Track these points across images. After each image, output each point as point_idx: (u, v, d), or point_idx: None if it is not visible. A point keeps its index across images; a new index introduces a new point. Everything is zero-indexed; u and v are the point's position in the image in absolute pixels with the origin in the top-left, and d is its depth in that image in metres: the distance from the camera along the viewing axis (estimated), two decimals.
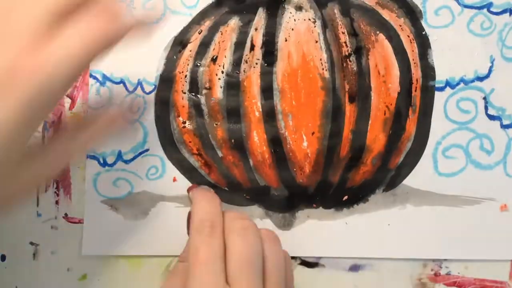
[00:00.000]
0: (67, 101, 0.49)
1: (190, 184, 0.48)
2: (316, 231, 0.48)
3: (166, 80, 0.48)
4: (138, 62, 0.48)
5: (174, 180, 0.48)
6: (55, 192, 0.49)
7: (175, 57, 0.48)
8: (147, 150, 0.48)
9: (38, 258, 0.49)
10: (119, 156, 0.48)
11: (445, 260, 0.48)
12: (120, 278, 0.49)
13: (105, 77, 0.48)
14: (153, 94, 0.48)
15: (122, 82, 0.48)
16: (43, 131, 0.49)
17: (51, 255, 0.49)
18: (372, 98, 0.47)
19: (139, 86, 0.48)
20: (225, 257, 0.39)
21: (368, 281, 0.48)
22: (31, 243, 0.49)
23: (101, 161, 0.48)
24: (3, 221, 0.49)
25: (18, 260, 0.49)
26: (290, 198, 0.48)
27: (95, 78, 0.48)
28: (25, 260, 0.49)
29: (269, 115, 0.47)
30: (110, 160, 0.48)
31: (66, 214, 0.49)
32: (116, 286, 0.50)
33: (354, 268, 0.48)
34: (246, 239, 0.39)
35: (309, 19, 0.47)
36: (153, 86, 0.48)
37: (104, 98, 0.48)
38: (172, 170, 0.48)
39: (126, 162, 0.48)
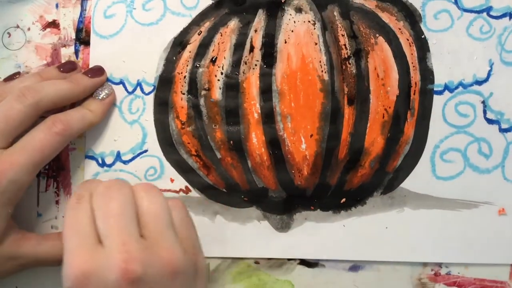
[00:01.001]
0: None
1: (187, 185, 0.48)
2: (313, 234, 0.48)
3: (165, 81, 0.48)
4: (138, 63, 0.48)
5: (172, 181, 0.48)
6: (55, 192, 0.49)
7: (174, 58, 0.48)
8: (145, 151, 0.48)
9: None
10: (118, 157, 0.48)
11: None
12: None
13: None
14: (152, 95, 0.48)
15: (121, 82, 0.48)
16: None
17: None
18: (371, 101, 0.47)
19: (138, 87, 0.48)
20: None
21: (368, 281, 0.48)
22: None
23: (100, 162, 0.48)
24: None
25: None
26: (288, 200, 0.48)
27: None
28: None
29: (268, 117, 0.47)
30: (108, 160, 0.48)
31: None
32: None
33: (354, 268, 0.48)
34: (109, 195, 0.38)
35: (309, 21, 0.47)
36: (152, 87, 0.48)
37: None
38: (170, 171, 0.48)
39: (124, 162, 0.48)
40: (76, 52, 0.49)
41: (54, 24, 0.50)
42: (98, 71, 0.47)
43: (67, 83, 0.44)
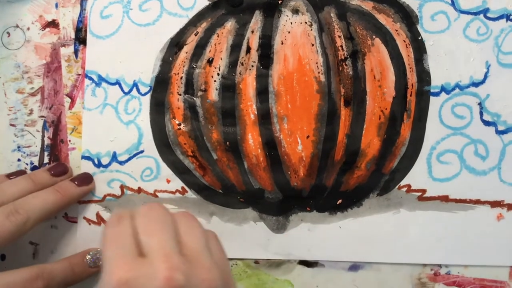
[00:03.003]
0: (67, 101, 0.49)
1: (184, 186, 0.48)
2: (309, 235, 0.48)
3: (162, 82, 0.48)
4: (134, 63, 0.48)
5: (168, 181, 0.48)
6: None
7: (171, 58, 0.48)
8: (142, 151, 0.48)
9: (38, 258, 0.49)
10: (114, 157, 0.48)
11: None
12: None
13: (100, 78, 0.48)
14: (148, 96, 0.48)
15: (117, 83, 0.48)
16: (42, 131, 0.49)
17: (51, 254, 0.49)
18: (367, 102, 0.47)
19: (134, 88, 0.48)
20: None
21: (368, 281, 0.48)
22: (31, 243, 0.49)
23: (96, 162, 0.48)
24: None
25: (18, 259, 0.49)
26: (284, 201, 0.48)
27: (90, 79, 0.48)
28: (25, 259, 0.49)
29: (265, 118, 0.47)
30: (104, 161, 0.48)
31: (66, 214, 0.49)
32: None
33: (354, 267, 0.48)
34: (151, 215, 0.38)
35: (306, 22, 0.47)
36: (149, 87, 0.48)
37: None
38: (166, 172, 0.48)
39: (120, 163, 0.48)
40: (76, 52, 0.49)
41: (53, 24, 0.50)
42: (86, 179, 0.48)
43: (54, 195, 0.45)
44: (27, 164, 0.50)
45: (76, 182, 0.47)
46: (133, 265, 0.34)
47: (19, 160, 0.50)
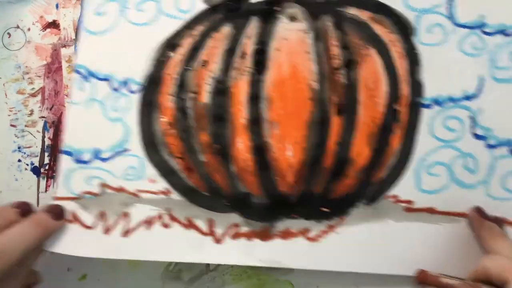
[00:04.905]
0: (67, 101, 0.49)
1: (168, 187, 0.47)
2: (295, 242, 0.47)
3: (154, 82, 0.48)
4: (126, 61, 0.48)
5: (152, 182, 0.48)
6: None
7: (164, 59, 0.48)
8: (126, 150, 0.48)
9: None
10: (96, 154, 0.48)
11: None
12: (120, 278, 0.49)
13: (89, 73, 0.48)
14: (138, 94, 0.48)
15: (107, 79, 0.47)
16: (43, 131, 0.49)
17: (51, 255, 0.48)
18: (359, 111, 0.47)
19: (124, 85, 0.47)
20: None
21: (368, 281, 0.48)
22: None
23: (76, 158, 0.47)
24: None
25: None
26: (270, 207, 0.47)
27: (79, 72, 0.48)
28: None
29: (255, 123, 0.47)
30: (86, 157, 0.48)
31: None
32: (116, 286, 0.49)
33: None
34: None
35: (302, 30, 0.47)
36: (140, 86, 0.48)
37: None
38: (150, 172, 0.48)
39: (103, 160, 0.48)
40: None
41: (54, 25, 0.50)
42: (61, 213, 0.46)
43: (36, 230, 0.43)
44: (27, 164, 0.50)
45: (50, 215, 0.45)
46: None
47: (19, 160, 0.50)
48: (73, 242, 0.47)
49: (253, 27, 0.48)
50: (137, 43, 0.48)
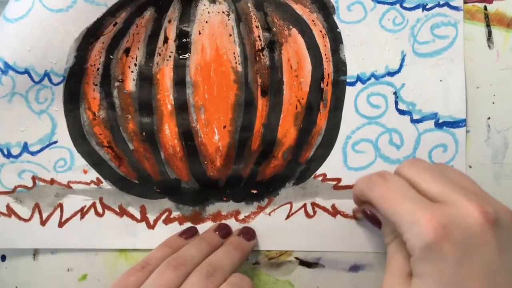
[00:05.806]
0: None
1: (99, 176, 0.48)
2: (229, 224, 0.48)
3: (77, 72, 0.47)
4: (46, 52, 0.45)
5: (85, 172, 0.48)
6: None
7: (86, 49, 0.46)
8: (55, 142, 0.48)
9: (38, 258, 0.49)
10: (25, 148, 0.47)
11: None
12: None
13: (7, 66, 0.44)
14: (61, 86, 0.47)
15: (26, 72, 0.45)
16: None
17: (51, 255, 0.49)
18: (284, 92, 0.47)
19: (46, 77, 0.46)
20: None
21: (368, 281, 0.48)
22: None
23: (5, 152, 0.47)
24: None
25: (18, 260, 0.49)
26: (200, 192, 0.48)
27: None
28: (25, 260, 0.49)
29: (182, 108, 0.47)
30: (15, 151, 0.47)
31: None
32: None
33: (354, 268, 0.48)
34: (416, 162, 0.40)
35: (223, 12, 0.47)
36: (62, 77, 0.47)
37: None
38: (81, 163, 0.48)
39: (32, 153, 0.48)
40: None
41: None
42: (251, 233, 0.47)
43: (238, 253, 0.44)
44: None
45: (242, 236, 0.46)
46: (440, 211, 0.35)
47: None
48: (11, 235, 0.48)
49: (174, 10, 0.47)
50: (55, 32, 0.44)
